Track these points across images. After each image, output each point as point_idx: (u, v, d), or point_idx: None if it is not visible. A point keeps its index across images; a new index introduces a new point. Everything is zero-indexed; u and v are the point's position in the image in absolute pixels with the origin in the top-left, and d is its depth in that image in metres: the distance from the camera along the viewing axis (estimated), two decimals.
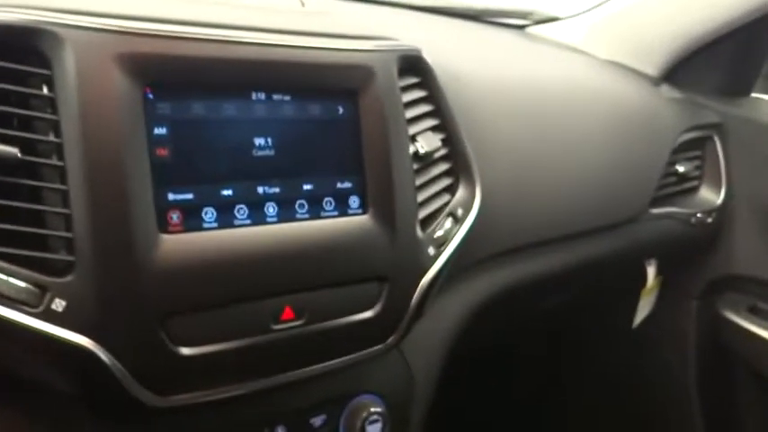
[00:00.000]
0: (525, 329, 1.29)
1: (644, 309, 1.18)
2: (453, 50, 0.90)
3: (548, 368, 1.43)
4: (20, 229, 0.49)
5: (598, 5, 1.22)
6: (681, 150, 1.12)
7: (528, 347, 1.42)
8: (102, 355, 0.51)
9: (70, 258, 0.50)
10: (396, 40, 0.69)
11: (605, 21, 1.19)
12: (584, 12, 1.24)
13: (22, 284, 0.49)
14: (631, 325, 1.19)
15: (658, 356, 1.25)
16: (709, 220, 1.14)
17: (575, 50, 1.17)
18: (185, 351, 0.54)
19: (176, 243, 0.53)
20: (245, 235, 0.57)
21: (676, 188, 1.13)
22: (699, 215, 1.13)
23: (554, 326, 1.34)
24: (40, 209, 0.50)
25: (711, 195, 1.16)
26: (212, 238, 0.55)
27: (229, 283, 0.56)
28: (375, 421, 0.70)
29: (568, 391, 1.42)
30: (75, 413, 0.57)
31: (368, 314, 0.65)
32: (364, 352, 0.66)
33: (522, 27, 1.26)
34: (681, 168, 1.12)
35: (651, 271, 1.14)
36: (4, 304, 0.48)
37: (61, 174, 0.50)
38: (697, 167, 1.16)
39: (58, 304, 0.49)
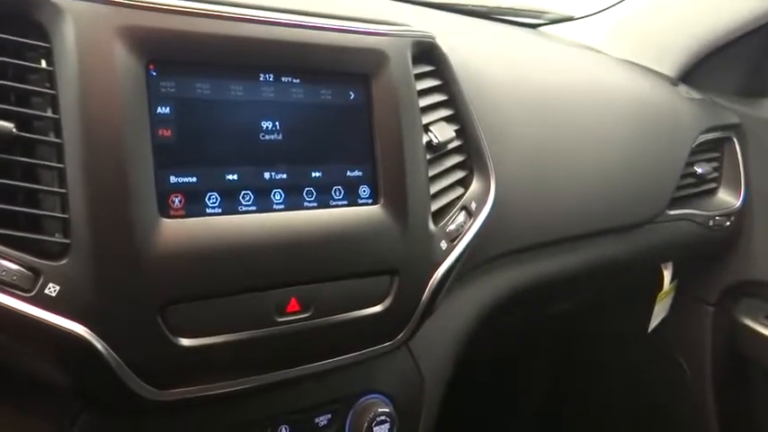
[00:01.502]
0: (537, 333, 1.26)
1: (659, 313, 1.15)
2: (467, 44, 0.87)
3: (559, 373, 1.40)
4: (13, 208, 0.47)
5: (613, 5, 1.19)
6: (699, 151, 1.09)
7: (539, 351, 1.38)
8: (98, 344, 0.48)
9: (65, 241, 0.48)
10: (410, 25, 0.67)
11: (622, 21, 1.17)
12: (599, 12, 1.21)
13: (14, 267, 0.46)
14: (646, 330, 1.16)
15: (673, 362, 1.21)
16: (728, 222, 1.11)
17: (591, 49, 1.15)
18: (185, 342, 0.52)
19: (177, 228, 0.51)
20: (251, 222, 0.54)
21: (695, 190, 1.09)
22: (717, 218, 1.10)
23: (567, 329, 1.31)
24: (34, 188, 0.48)
25: (730, 197, 1.13)
26: (216, 224, 0.53)
27: (232, 271, 0.53)
28: (382, 422, 0.67)
29: (580, 397, 1.38)
30: (70, 407, 0.54)
31: (377, 309, 0.62)
32: (373, 348, 0.63)
33: (535, 26, 1.23)
34: (699, 169, 1.09)
35: (667, 275, 1.11)
36: None
37: (58, 151, 0.48)
38: (715, 169, 1.13)
39: (52, 289, 0.47)
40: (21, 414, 0.54)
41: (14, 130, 0.47)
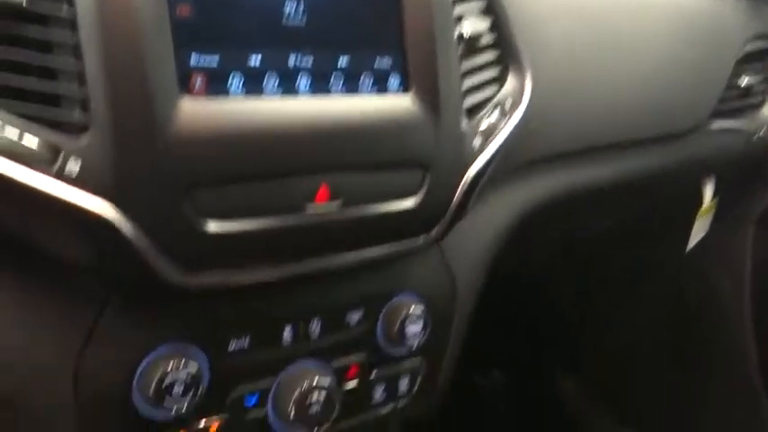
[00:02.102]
0: (569, 253, 1.23)
1: (698, 232, 1.11)
2: None
3: (589, 297, 1.38)
4: (29, 84, 0.45)
5: None
6: (746, 61, 1.03)
7: (570, 274, 1.35)
8: (123, 222, 0.47)
9: (84, 118, 0.46)
10: None
11: None
12: None
13: (34, 143, 0.45)
14: (683, 250, 1.12)
15: (710, 285, 1.18)
16: None
17: None
18: (212, 226, 0.50)
19: (199, 107, 0.49)
20: (276, 105, 0.52)
21: (739, 102, 1.04)
22: (762, 133, 1.05)
23: (600, 251, 1.28)
24: (50, 64, 0.46)
25: None
26: (239, 106, 0.50)
27: (258, 154, 0.51)
28: (415, 322, 0.66)
29: (610, 322, 1.36)
30: (97, 296, 0.54)
31: (409, 203, 0.60)
32: (404, 242, 0.62)
33: None
34: (745, 81, 1.03)
35: (708, 190, 1.07)
36: (14, 164, 0.44)
37: (72, 26, 0.46)
38: (762, 81, 1.07)
39: (73, 165, 0.45)
40: (46, 305, 0.53)
41: (24, 3, 0.44)
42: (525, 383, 1.56)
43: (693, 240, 1.11)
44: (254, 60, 0.52)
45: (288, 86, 0.53)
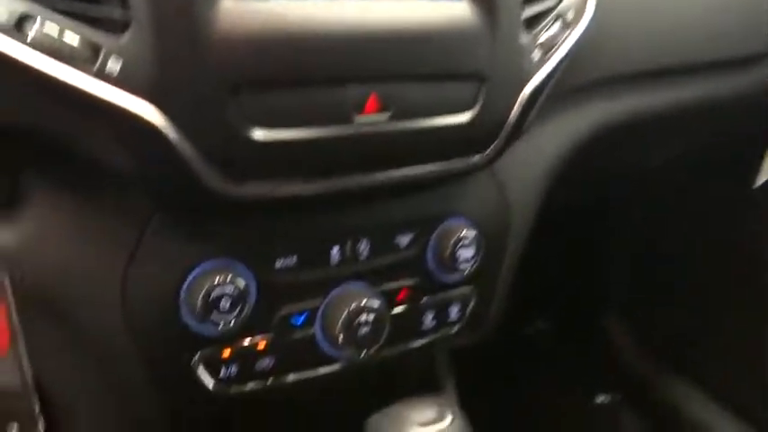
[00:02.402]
0: (626, 187, 1.17)
1: None
2: None
3: (646, 237, 1.32)
4: None
5: None
6: None
7: (624, 212, 1.30)
8: (165, 125, 0.45)
9: (125, 15, 0.44)
10: None
11: None
12: None
13: (75, 41, 0.43)
14: (751, 185, 1.06)
15: None
16: None
17: None
18: (258, 133, 0.48)
19: (242, 5, 0.46)
20: (323, 6, 0.49)
21: None
22: None
23: (660, 186, 1.22)
24: None
25: None
26: (284, 5, 0.47)
27: (303, 59, 0.48)
28: (467, 246, 0.64)
29: (667, 265, 1.31)
30: (142, 208, 0.53)
31: (463, 118, 0.56)
32: (457, 160, 0.59)
33: None
34: None
35: None
36: (55, 61, 0.43)
37: None
38: None
39: (114, 64, 0.43)
40: (92, 220, 0.53)
41: None
42: (573, 329, 1.53)
43: (764, 175, 1.05)
44: None
45: None
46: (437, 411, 0.46)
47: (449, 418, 0.46)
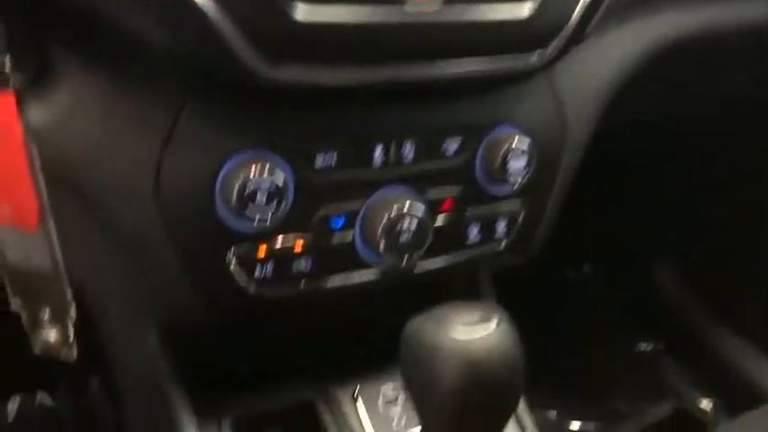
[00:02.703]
0: (687, 122, 1.10)
1: None
2: None
3: (700, 182, 1.25)
4: None
5: None
6: None
7: (680, 151, 1.22)
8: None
9: None
10: None
11: None
12: None
13: None
14: None
15: None
16: None
17: None
18: (301, 12, 0.44)
19: None
20: None
21: None
22: None
23: (718, 136, 1.15)
24: None
25: None
26: None
27: None
28: (519, 157, 0.60)
29: (717, 211, 1.24)
30: (175, 94, 0.50)
31: (522, 11, 0.52)
32: (512, 57, 0.54)
33: None
34: None
35: None
36: None
37: None
38: None
39: None
40: (126, 101, 0.50)
41: None
42: (618, 271, 1.49)
43: None
44: None
45: None
46: (482, 314, 0.44)
47: (495, 320, 0.43)
